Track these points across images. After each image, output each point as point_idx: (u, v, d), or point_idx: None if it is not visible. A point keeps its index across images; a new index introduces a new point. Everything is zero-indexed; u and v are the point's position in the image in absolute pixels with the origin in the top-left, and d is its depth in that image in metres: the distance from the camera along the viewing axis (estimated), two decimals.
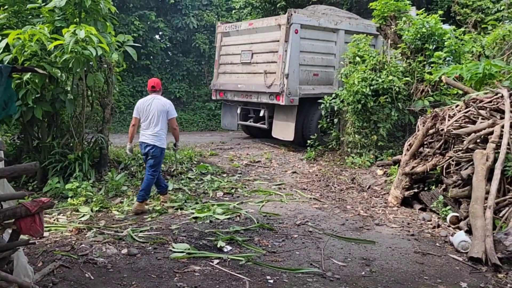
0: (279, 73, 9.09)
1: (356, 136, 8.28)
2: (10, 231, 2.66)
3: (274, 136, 9.82)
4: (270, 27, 9.43)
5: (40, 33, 5.67)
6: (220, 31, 10.91)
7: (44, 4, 6.41)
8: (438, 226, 5.14)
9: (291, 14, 8.92)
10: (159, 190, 6.03)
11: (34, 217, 2.61)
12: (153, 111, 5.60)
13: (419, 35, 8.40)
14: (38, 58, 5.86)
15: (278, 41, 9.20)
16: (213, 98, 11.40)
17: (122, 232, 4.82)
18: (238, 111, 10.77)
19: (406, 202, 6.05)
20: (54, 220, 5.23)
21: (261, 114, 10.14)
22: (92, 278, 3.68)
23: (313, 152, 9.07)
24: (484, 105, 5.48)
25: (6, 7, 6.45)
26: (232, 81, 10.48)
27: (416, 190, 5.99)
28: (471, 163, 5.11)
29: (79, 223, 5.08)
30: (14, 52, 5.65)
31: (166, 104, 5.69)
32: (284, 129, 9.57)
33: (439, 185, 5.74)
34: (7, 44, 5.68)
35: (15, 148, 7.26)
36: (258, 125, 10.45)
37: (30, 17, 6.58)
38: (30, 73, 5.68)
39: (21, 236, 2.80)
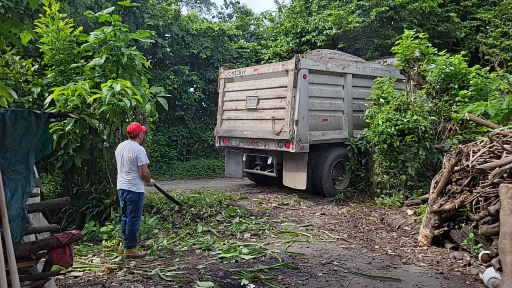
0: (288, 119, 8.72)
1: (385, 176, 8.26)
2: (43, 261, 2.91)
3: (285, 184, 9.40)
4: (277, 73, 9.15)
5: (81, 88, 6.28)
6: (223, 77, 10.62)
7: (86, 62, 7.12)
8: (469, 264, 4.98)
9: (299, 59, 8.64)
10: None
11: (64, 248, 2.86)
12: (124, 157, 5.57)
13: (443, 75, 8.52)
14: (79, 111, 6.44)
15: (286, 86, 8.90)
16: (217, 145, 10.86)
17: (150, 271, 4.99)
18: (244, 158, 10.29)
19: (437, 241, 5.90)
20: (89, 261, 5.50)
21: (268, 162, 9.64)
22: None
23: (342, 194, 9.05)
24: (508, 139, 5.42)
25: (53, 67, 7.21)
26: (237, 128, 10.06)
27: (446, 229, 5.85)
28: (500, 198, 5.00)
29: (111, 264, 5.32)
30: (58, 106, 6.27)
31: (135, 151, 5.53)
32: (295, 178, 9.15)
33: (469, 222, 5.60)
34: (52, 100, 6.31)
35: (57, 195, 7.77)
36: (265, 173, 9.92)
37: (74, 75, 7.29)
38: (71, 124, 6.23)
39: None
